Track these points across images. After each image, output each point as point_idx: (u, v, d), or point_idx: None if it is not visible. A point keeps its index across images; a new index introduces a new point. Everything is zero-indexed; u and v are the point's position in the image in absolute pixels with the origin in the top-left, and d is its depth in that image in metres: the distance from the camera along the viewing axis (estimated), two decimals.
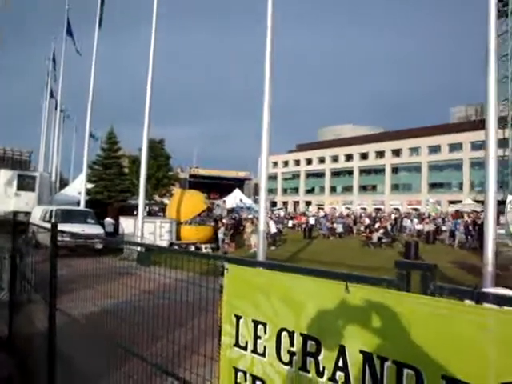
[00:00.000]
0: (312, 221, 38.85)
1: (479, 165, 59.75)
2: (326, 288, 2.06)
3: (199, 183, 61.16)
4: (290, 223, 44.32)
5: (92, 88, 25.88)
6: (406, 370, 1.73)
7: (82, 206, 24.36)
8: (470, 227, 30.49)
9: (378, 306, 1.81)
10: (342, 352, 1.98)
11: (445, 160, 73.64)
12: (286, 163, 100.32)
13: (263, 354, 2.35)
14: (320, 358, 2.07)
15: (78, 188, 31.10)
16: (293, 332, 2.20)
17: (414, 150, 78.52)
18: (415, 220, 38.95)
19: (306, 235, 32.32)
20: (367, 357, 1.87)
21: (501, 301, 1.48)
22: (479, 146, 56.22)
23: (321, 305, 2.07)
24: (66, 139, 55.67)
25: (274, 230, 26.77)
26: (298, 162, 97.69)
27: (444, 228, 37.04)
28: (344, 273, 1.96)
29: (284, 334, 2.24)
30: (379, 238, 27.40)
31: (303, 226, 36.04)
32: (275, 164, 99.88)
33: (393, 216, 45.52)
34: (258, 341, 2.38)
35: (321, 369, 2.07)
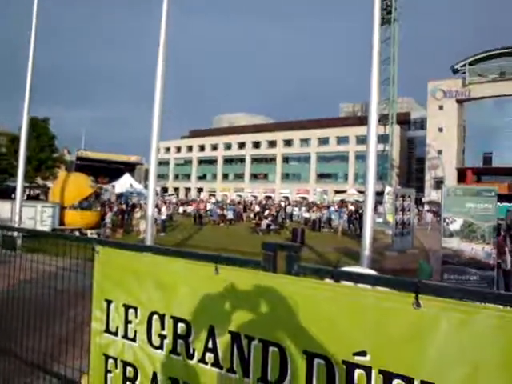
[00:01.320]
0: (209, 206, 39.17)
1: (363, 158, 63.51)
2: (196, 270, 2.05)
3: (87, 166, 58.19)
4: (181, 209, 43.99)
5: None
6: (271, 348, 1.78)
7: None
8: (353, 216, 32.39)
9: (246, 287, 1.83)
10: (211, 333, 1.98)
11: (332, 152, 77.26)
12: (178, 149, 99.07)
13: (134, 339, 2.29)
14: (190, 340, 2.06)
15: None
16: (163, 315, 2.16)
17: (305, 141, 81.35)
18: (303, 208, 40.50)
19: (196, 222, 32.27)
20: (235, 337, 1.90)
21: (355, 278, 1.57)
22: (363, 140, 59.67)
23: (191, 287, 2.05)
24: None
25: (164, 216, 26.40)
26: (190, 149, 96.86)
27: (330, 216, 39.01)
28: (214, 255, 1.96)
29: (155, 317, 2.20)
30: (268, 225, 28.11)
31: (193, 212, 35.94)
32: (168, 149, 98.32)
33: (282, 204, 47.01)
34: (129, 325, 2.32)
35: (191, 351, 2.06)
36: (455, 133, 65.25)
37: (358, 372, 1.57)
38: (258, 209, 37.72)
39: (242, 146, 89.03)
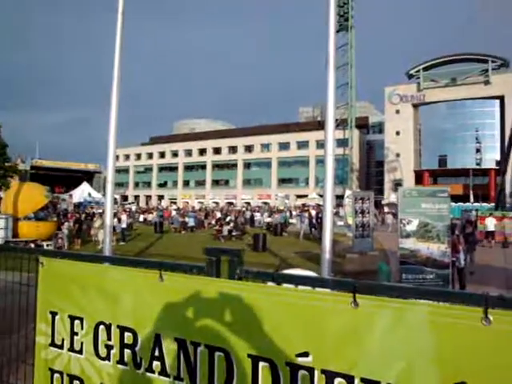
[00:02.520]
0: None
1: (323, 162, 64.09)
2: (140, 277, 2.02)
3: (42, 175, 56.68)
4: (142, 218, 43.42)
5: None
6: (216, 353, 1.78)
7: None
8: (314, 220, 32.68)
9: (190, 293, 1.82)
10: (157, 341, 1.96)
11: (293, 157, 77.97)
12: (138, 156, 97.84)
13: (80, 351, 2.24)
14: (137, 349, 2.03)
15: None
16: (110, 325, 2.12)
17: (265, 147, 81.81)
18: (265, 213, 40.65)
19: (157, 230, 31.88)
20: (181, 344, 1.88)
21: (296, 280, 1.58)
22: (323, 144, 60.30)
23: (136, 295, 2.02)
24: None
25: (124, 224, 25.98)
26: (151, 156, 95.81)
27: (291, 221, 39.35)
28: (157, 261, 1.93)
29: (101, 327, 2.15)
30: (229, 231, 28.06)
31: (154, 220, 35.53)
32: (127, 157, 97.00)
33: (243, 210, 47.05)
34: (75, 337, 2.26)
35: (138, 360, 2.03)
36: (412, 136, 67.12)
37: (301, 373, 1.59)
38: (219, 215, 37.61)
39: (202, 152, 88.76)
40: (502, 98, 60.10)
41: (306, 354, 1.57)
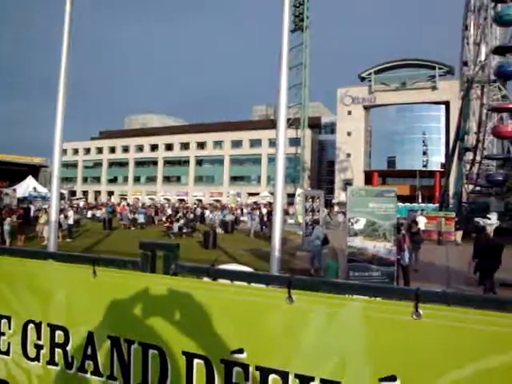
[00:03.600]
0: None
1: (274, 160, 64.73)
2: (73, 273, 1.93)
3: None
4: (90, 214, 42.32)
5: None
6: (150, 351, 1.73)
7: None
8: (265, 218, 32.84)
9: (124, 289, 1.76)
10: (90, 340, 1.88)
11: (245, 154, 78.12)
12: (87, 151, 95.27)
13: (7, 352, 2.11)
14: (68, 348, 1.94)
15: None
16: (40, 323, 2.01)
17: (218, 144, 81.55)
18: (225, 211, 40.47)
19: (105, 226, 31.16)
20: (115, 342, 1.81)
21: (231, 276, 1.55)
22: (275, 143, 60.83)
23: (68, 292, 1.93)
24: None
25: (71, 221, 25.22)
26: (100, 150, 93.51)
27: (242, 218, 39.40)
28: (91, 256, 1.86)
29: (31, 326, 2.04)
30: (180, 228, 27.78)
31: (103, 216, 34.69)
32: (76, 151, 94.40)
33: (194, 206, 46.72)
34: (2, 338, 2.13)
35: (70, 360, 1.94)
36: (362, 137, 68.66)
37: (236, 370, 1.56)
38: (170, 212, 37.18)
39: (154, 148, 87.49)
40: (447, 104, 62.38)
41: (240, 351, 1.55)
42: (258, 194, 65.84)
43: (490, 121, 36.03)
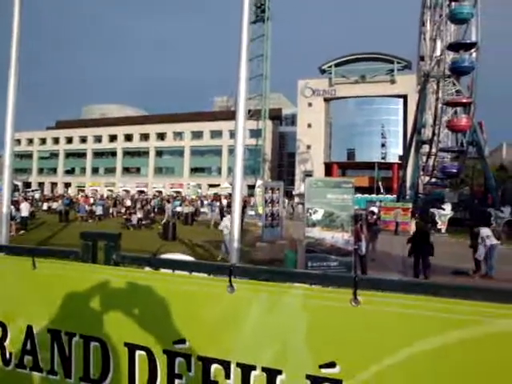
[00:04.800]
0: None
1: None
2: (11, 265, 1.85)
3: None
4: (46, 206, 41.19)
5: None
6: (92, 343, 1.69)
7: None
8: (225, 209, 32.78)
9: (64, 281, 1.70)
10: (29, 333, 1.81)
11: (206, 146, 77.54)
12: (43, 141, 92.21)
13: None
14: (6, 343, 1.87)
15: None
16: None
17: (178, 135, 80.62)
18: (176, 202, 40.15)
19: (62, 219, 30.38)
20: (55, 335, 1.76)
21: (173, 265, 1.52)
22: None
23: (6, 284, 1.86)
24: None
25: (25, 213, 24.45)
26: (57, 141, 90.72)
27: (203, 210, 39.22)
28: (30, 247, 1.79)
29: None
30: (139, 220, 27.43)
31: (59, 208, 33.79)
32: (30, 141, 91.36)
33: (154, 198, 46.20)
34: None
35: (7, 356, 1.87)
36: (323, 129, 69.27)
37: (178, 360, 1.55)
38: (129, 203, 36.63)
39: (113, 138, 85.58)
40: (405, 97, 63.66)
41: (183, 341, 1.53)
42: (218, 185, 65.63)
43: (445, 114, 37.00)
